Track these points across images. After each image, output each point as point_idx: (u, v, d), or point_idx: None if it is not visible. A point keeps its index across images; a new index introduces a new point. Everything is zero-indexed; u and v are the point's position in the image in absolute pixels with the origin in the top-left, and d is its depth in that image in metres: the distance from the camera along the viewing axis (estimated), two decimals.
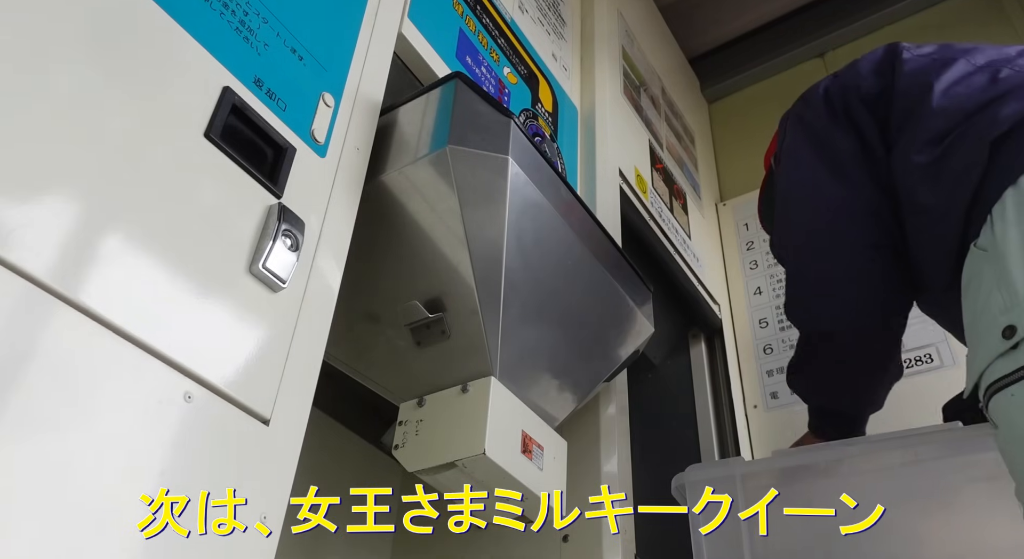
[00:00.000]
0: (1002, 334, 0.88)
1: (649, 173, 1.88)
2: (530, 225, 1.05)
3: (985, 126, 1.01)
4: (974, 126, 1.02)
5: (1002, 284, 0.92)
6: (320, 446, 1.40)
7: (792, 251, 1.27)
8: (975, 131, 1.02)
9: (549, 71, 1.62)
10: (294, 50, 0.93)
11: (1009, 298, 0.90)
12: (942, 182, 1.05)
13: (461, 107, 1.00)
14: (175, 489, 0.65)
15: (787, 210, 1.27)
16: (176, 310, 0.70)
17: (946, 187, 1.04)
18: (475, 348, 1.03)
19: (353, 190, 0.95)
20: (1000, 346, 0.88)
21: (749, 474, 1.31)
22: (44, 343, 0.60)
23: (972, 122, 1.03)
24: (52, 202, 0.64)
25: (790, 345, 1.93)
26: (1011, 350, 0.87)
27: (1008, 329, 0.88)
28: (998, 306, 0.92)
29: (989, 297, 0.94)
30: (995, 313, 0.91)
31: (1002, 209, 0.95)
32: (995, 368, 0.89)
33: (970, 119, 1.03)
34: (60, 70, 0.68)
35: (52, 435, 0.58)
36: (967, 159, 1.01)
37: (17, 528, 0.55)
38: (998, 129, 0.99)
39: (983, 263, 0.96)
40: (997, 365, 0.88)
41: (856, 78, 1.21)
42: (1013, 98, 1.01)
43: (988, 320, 0.92)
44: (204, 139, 0.78)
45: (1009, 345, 0.87)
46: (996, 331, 0.89)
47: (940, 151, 1.05)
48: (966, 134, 1.03)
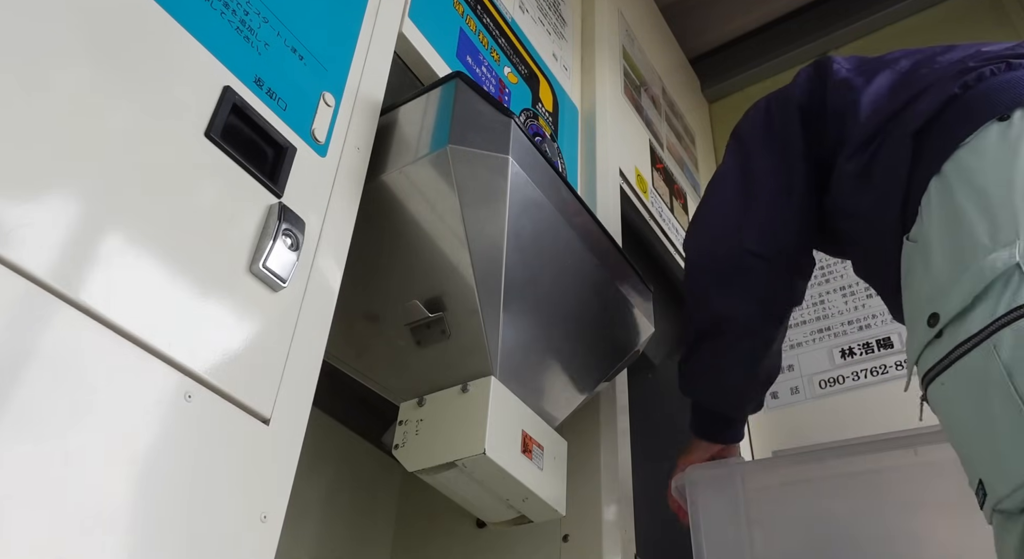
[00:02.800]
0: (927, 322, 0.87)
1: (649, 173, 1.88)
2: (530, 225, 1.05)
3: (906, 122, 1.02)
4: (896, 125, 1.03)
5: (928, 272, 0.92)
6: (320, 446, 1.40)
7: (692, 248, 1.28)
8: (898, 129, 1.03)
9: (549, 71, 1.62)
10: (294, 50, 0.93)
11: (933, 286, 0.90)
12: (873, 184, 1.06)
13: (462, 107, 1.00)
14: (175, 489, 0.65)
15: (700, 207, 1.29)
16: (176, 309, 0.70)
17: (878, 188, 1.05)
18: (475, 348, 1.03)
19: (353, 190, 0.95)
20: (927, 335, 0.87)
21: (750, 474, 1.31)
22: (44, 343, 0.60)
23: (895, 122, 1.04)
24: (52, 201, 0.64)
25: (790, 345, 1.94)
26: (936, 338, 0.86)
27: (932, 317, 0.87)
28: (925, 295, 0.92)
29: (920, 287, 0.94)
30: (922, 303, 0.91)
31: (928, 200, 0.95)
32: (925, 358, 0.88)
33: (892, 119, 1.05)
34: (60, 69, 0.68)
35: (52, 435, 0.58)
36: (893, 157, 1.02)
37: (17, 528, 0.55)
38: (916, 123, 1.00)
39: (914, 254, 0.96)
40: (926, 355, 0.88)
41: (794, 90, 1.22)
42: (929, 93, 1.02)
43: (917, 310, 0.91)
44: (204, 138, 0.78)
45: (934, 333, 0.86)
46: (923, 320, 0.88)
47: (868, 155, 1.06)
48: (890, 133, 1.04)
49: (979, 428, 0.80)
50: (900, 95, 1.07)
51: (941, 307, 0.86)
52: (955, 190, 0.92)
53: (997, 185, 0.89)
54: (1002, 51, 1.03)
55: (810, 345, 1.91)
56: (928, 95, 1.02)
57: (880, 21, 2.43)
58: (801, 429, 1.74)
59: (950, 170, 0.94)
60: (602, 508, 1.22)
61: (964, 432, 0.84)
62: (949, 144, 0.95)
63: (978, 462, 0.80)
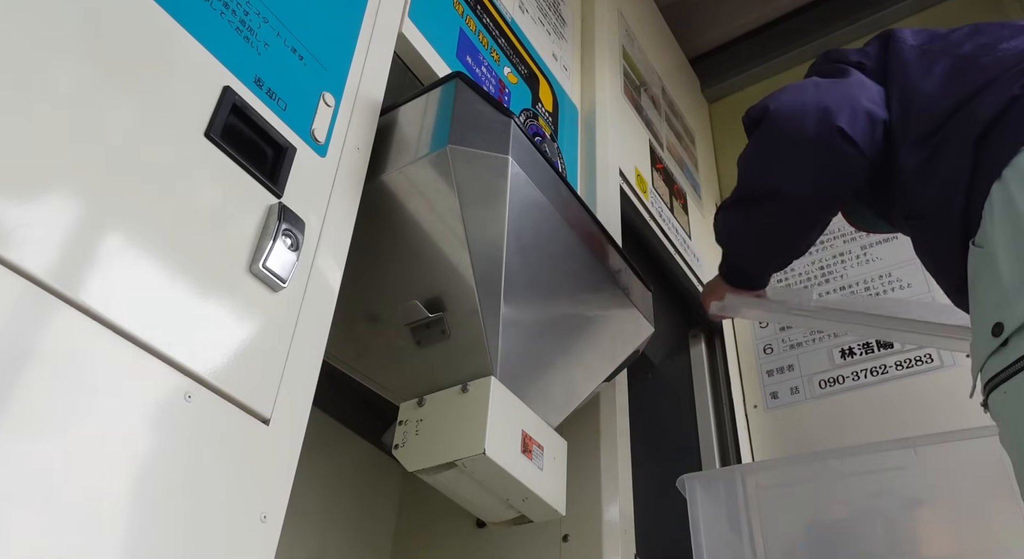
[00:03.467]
0: (991, 332, 0.88)
1: (649, 173, 1.88)
2: (530, 225, 1.05)
3: (966, 125, 1.00)
4: (957, 125, 1.02)
5: (994, 280, 0.91)
6: (320, 446, 1.40)
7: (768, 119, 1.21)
8: (956, 132, 1.01)
9: (549, 71, 1.62)
10: (294, 50, 0.93)
11: (999, 294, 0.90)
12: (934, 184, 1.05)
13: (461, 107, 1.00)
14: (175, 489, 0.65)
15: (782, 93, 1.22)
16: (176, 310, 0.70)
17: (940, 190, 1.04)
18: (475, 348, 1.03)
19: (353, 190, 0.95)
20: (991, 344, 0.87)
21: (750, 475, 1.32)
22: (44, 343, 0.60)
23: (955, 120, 1.03)
24: (52, 201, 0.64)
25: (790, 345, 1.94)
26: (1001, 347, 0.86)
27: (997, 326, 0.87)
28: (990, 303, 0.91)
29: (986, 294, 0.93)
30: (988, 311, 0.91)
31: (990, 205, 0.95)
32: (989, 366, 0.88)
33: (953, 116, 1.03)
34: (60, 69, 0.68)
35: (52, 435, 0.58)
36: (952, 161, 1.01)
37: (16, 528, 0.55)
38: (977, 128, 0.98)
39: (980, 261, 0.96)
40: (990, 363, 0.88)
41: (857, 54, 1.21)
42: (990, 92, 1.00)
43: (982, 318, 0.91)
44: (204, 139, 0.78)
45: (999, 342, 0.86)
46: (988, 328, 0.88)
47: (927, 152, 1.05)
48: (950, 134, 1.03)
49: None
50: (960, 86, 1.04)
51: (1006, 317, 0.86)
52: (1016, 196, 0.91)
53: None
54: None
55: (810, 345, 1.91)
56: (989, 94, 1.00)
57: (880, 21, 2.43)
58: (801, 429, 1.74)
59: (1010, 176, 0.93)
60: (602, 508, 1.22)
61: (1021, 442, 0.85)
62: (1010, 148, 0.94)
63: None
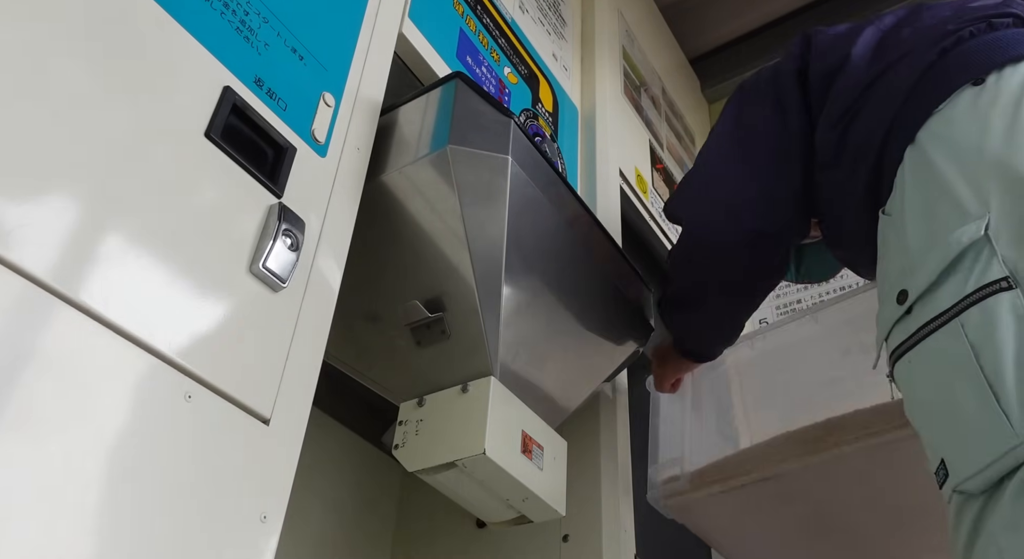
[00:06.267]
0: (896, 299, 0.85)
1: (649, 173, 1.88)
2: (530, 225, 1.05)
3: (883, 95, 0.99)
4: (872, 96, 1.00)
5: (900, 246, 0.89)
6: (320, 446, 1.40)
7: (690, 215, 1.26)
8: (874, 102, 1.00)
9: (549, 71, 1.62)
10: (294, 50, 0.93)
11: (904, 260, 0.87)
12: (848, 155, 1.03)
13: (461, 107, 1.00)
14: (175, 489, 0.65)
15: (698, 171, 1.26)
16: (176, 310, 0.70)
17: (854, 159, 1.01)
18: (475, 348, 1.03)
19: (353, 190, 0.95)
20: (896, 312, 0.85)
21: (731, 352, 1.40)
22: (44, 343, 0.60)
23: (872, 91, 1.01)
24: (52, 201, 0.64)
25: None
26: (905, 315, 0.83)
27: (901, 294, 0.84)
28: (896, 270, 0.89)
29: (892, 262, 0.91)
30: (893, 278, 0.88)
31: (902, 170, 0.92)
32: (894, 336, 0.85)
33: (869, 89, 1.01)
34: (60, 69, 0.68)
35: (52, 435, 0.58)
36: (868, 128, 0.99)
37: (16, 528, 0.55)
38: (895, 97, 0.97)
39: (888, 228, 0.93)
40: (895, 332, 0.85)
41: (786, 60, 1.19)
42: (907, 60, 0.98)
43: (888, 286, 0.88)
44: (204, 139, 0.78)
45: (903, 310, 0.83)
46: (893, 296, 0.86)
47: (844, 124, 1.03)
48: (867, 103, 1.01)
49: (944, 408, 0.78)
50: (880, 59, 1.03)
51: (910, 283, 0.84)
52: (928, 160, 0.89)
53: (967, 153, 0.85)
54: (987, 9, 0.98)
55: None
56: (905, 64, 0.98)
57: None
58: None
59: (924, 138, 0.91)
60: (602, 508, 1.22)
61: (928, 412, 0.82)
62: (923, 111, 0.92)
63: (941, 443, 0.78)
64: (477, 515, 1.13)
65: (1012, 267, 0.75)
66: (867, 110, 1.01)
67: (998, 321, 0.74)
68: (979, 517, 0.71)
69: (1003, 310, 0.74)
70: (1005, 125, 0.84)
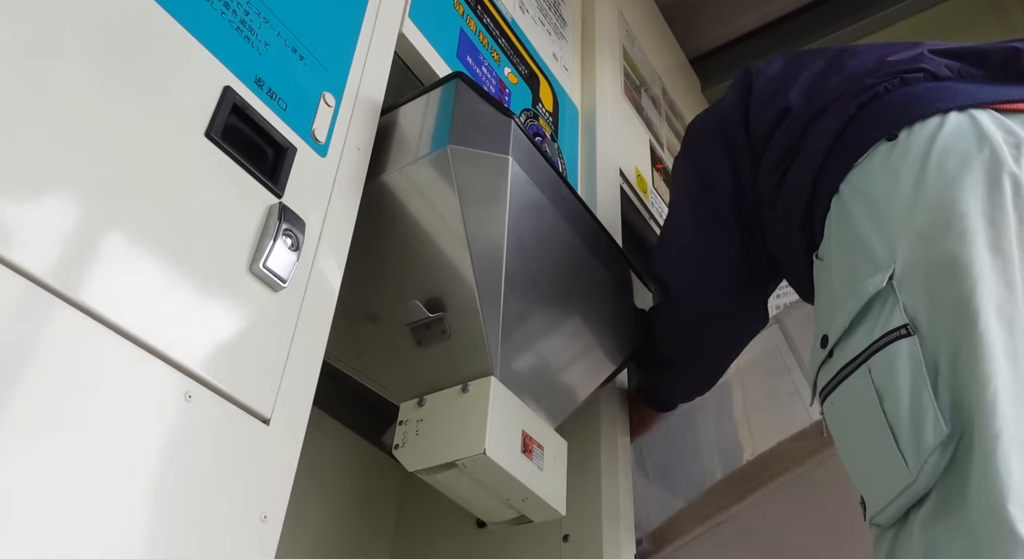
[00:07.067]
0: (820, 343, 0.90)
1: (650, 173, 1.88)
2: (531, 225, 1.05)
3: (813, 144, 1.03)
4: (804, 145, 1.05)
5: (827, 293, 0.94)
6: (320, 446, 1.40)
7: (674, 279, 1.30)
8: (805, 152, 1.04)
9: (550, 71, 1.62)
10: (295, 50, 0.93)
11: (829, 306, 0.92)
12: (784, 198, 1.08)
13: (462, 107, 1.00)
14: (175, 489, 0.65)
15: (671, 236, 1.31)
16: (176, 309, 0.70)
17: (787, 208, 1.07)
18: (475, 348, 1.03)
19: (354, 190, 0.95)
20: (820, 355, 0.90)
21: None
22: (44, 342, 0.60)
23: (802, 142, 1.06)
24: (52, 201, 0.64)
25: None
26: (828, 359, 0.89)
27: (824, 338, 0.90)
28: (823, 315, 0.95)
29: (820, 307, 0.97)
30: (820, 323, 0.94)
31: (830, 219, 0.98)
32: (820, 378, 0.91)
33: (802, 137, 1.06)
34: (60, 69, 0.68)
35: (52, 435, 0.58)
36: (801, 177, 1.04)
37: (16, 528, 0.55)
38: (822, 147, 1.01)
39: (820, 273, 0.99)
40: (820, 375, 0.90)
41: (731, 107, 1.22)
42: (832, 111, 1.03)
43: (817, 328, 0.94)
44: (205, 139, 0.78)
45: (826, 353, 0.89)
46: (818, 339, 0.91)
47: (780, 172, 1.08)
48: (799, 152, 1.05)
49: (857, 447, 0.84)
50: (809, 107, 1.07)
51: (831, 328, 0.89)
52: (849, 211, 0.94)
53: (880, 206, 0.90)
54: (901, 64, 1.02)
55: None
56: (831, 114, 1.03)
57: (879, 22, 2.42)
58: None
59: (845, 190, 0.96)
60: (602, 508, 1.22)
61: (847, 450, 0.87)
62: (844, 165, 0.97)
63: (857, 479, 0.84)
64: (477, 515, 1.12)
65: (912, 315, 0.80)
66: (799, 159, 1.06)
67: (898, 366, 0.78)
68: (891, 549, 0.77)
69: (902, 356, 0.78)
70: (912, 179, 0.89)
